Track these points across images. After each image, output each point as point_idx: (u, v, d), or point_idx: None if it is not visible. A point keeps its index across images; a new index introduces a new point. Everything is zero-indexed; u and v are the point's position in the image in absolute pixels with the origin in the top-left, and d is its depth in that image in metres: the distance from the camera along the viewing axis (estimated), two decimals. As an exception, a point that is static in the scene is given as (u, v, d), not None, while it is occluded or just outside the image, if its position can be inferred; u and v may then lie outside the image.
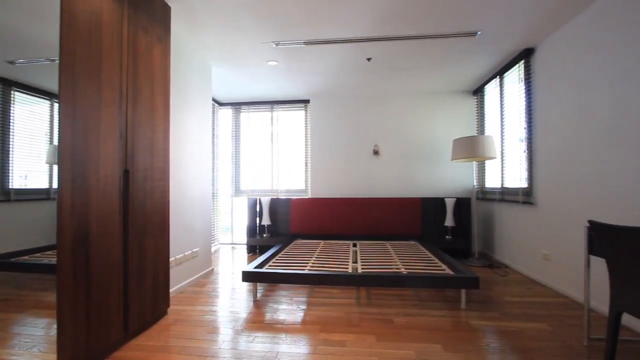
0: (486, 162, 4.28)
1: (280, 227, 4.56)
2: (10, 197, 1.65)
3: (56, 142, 1.56)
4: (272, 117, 5.01)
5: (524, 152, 3.28)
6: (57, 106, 1.48)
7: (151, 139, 2.10)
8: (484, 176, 4.34)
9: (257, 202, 4.61)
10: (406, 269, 2.64)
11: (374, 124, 4.72)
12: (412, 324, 2.16)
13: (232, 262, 3.94)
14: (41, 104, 1.75)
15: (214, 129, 4.74)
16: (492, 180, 4.13)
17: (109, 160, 1.74)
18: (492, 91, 4.07)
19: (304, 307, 2.46)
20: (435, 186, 4.59)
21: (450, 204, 4.08)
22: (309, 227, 4.39)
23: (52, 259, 1.67)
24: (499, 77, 3.77)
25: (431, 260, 2.96)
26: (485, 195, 4.27)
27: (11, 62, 1.67)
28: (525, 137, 3.26)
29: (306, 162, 4.90)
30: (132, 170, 1.92)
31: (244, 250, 4.70)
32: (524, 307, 2.44)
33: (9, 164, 1.65)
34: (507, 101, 3.68)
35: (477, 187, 4.50)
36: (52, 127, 1.77)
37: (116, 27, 1.79)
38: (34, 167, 1.74)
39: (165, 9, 2.25)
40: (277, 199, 4.59)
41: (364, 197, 4.47)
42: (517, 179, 3.47)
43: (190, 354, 1.80)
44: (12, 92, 1.67)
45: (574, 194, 2.57)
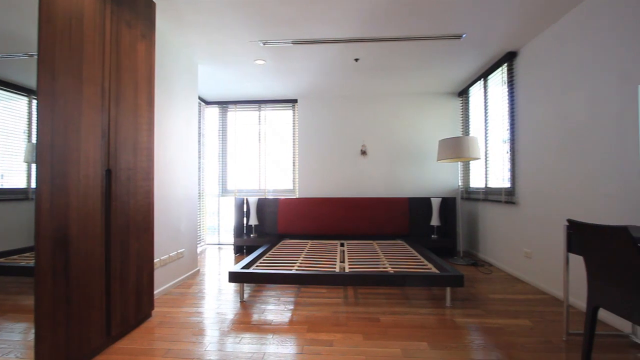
0: (471, 162, 4.37)
1: (267, 227, 4.54)
2: (-16, 197, 1.59)
3: (34, 140, 1.51)
4: (259, 117, 4.97)
5: (507, 152, 3.36)
6: (36, 103, 1.43)
7: (135, 138, 2.05)
8: (469, 176, 4.43)
9: (245, 202, 4.57)
10: (393, 268, 2.66)
11: (361, 124, 4.75)
12: (398, 322, 2.18)
13: (219, 263, 3.90)
14: (19, 101, 1.68)
15: (200, 128, 4.67)
16: (477, 180, 4.22)
17: (90, 159, 1.69)
18: (476, 93, 4.15)
19: (291, 307, 2.46)
20: (421, 186, 4.65)
21: (436, 204, 4.14)
22: (297, 227, 4.38)
23: (30, 261, 1.61)
24: (483, 79, 3.86)
25: (417, 259, 3.00)
26: (469, 195, 4.36)
27: (-14, 56, 1.60)
28: (508, 138, 3.34)
29: (294, 162, 4.89)
30: (115, 169, 1.88)
31: (231, 250, 4.65)
32: (506, 304, 2.50)
33: (-17, 162, 1.58)
34: (491, 103, 3.77)
35: (462, 187, 4.58)
36: (30, 124, 1.71)
37: (98, 21, 1.75)
38: (11, 166, 1.67)
39: (149, 5, 2.21)
40: (265, 198, 4.57)
41: (351, 197, 4.49)
42: (500, 179, 3.56)
43: (175, 357, 1.77)
44: (-14, 88, 1.60)
45: (554, 193, 2.65)
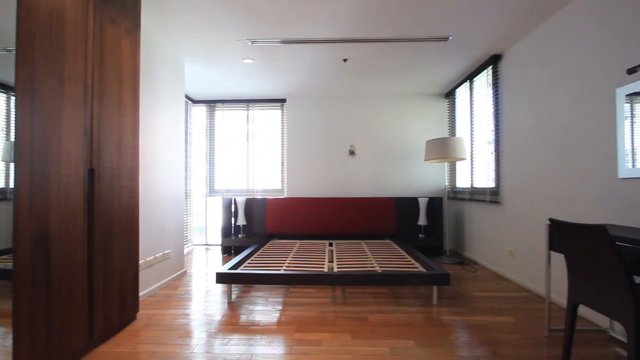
0: (457, 162, 4.44)
1: (256, 228, 4.51)
2: (-41, 197, 1.52)
3: (13, 138, 1.46)
4: (248, 116, 4.93)
5: (492, 153, 3.44)
6: (14, 99, 1.39)
7: (119, 137, 2.01)
8: (455, 176, 4.51)
9: (232, 202, 4.53)
10: (381, 268, 2.68)
11: (350, 125, 4.77)
12: (386, 321, 2.20)
13: (206, 264, 3.85)
14: (-5, 97, 1.62)
15: (187, 127, 4.60)
16: (463, 180, 4.29)
17: (71, 158, 1.65)
18: (462, 95, 4.23)
19: (279, 307, 2.45)
20: (409, 186, 4.71)
21: (423, 204, 4.20)
22: (285, 227, 4.37)
23: (8, 263, 1.56)
24: (469, 81, 3.93)
25: (405, 258, 3.03)
26: (456, 194, 4.43)
27: (-40, 50, 1.54)
28: (493, 139, 3.41)
29: (282, 162, 4.87)
30: (98, 168, 1.83)
31: (218, 251, 4.60)
32: (491, 301, 2.56)
33: (-43, 161, 1.52)
34: (477, 104, 3.84)
35: (448, 187, 4.66)
36: (9, 122, 1.65)
37: (81, 16, 1.70)
38: (-13, 165, 1.61)
39: (135, 1, 2.16)
40: (253, 198, 4.53)
41: (340, 197, 4.51)
42: (485, 179, 3.63)
43: (160, 360, 1.74)
44: (-39, 84, 1.54)
45: (536, 193, 2.73)
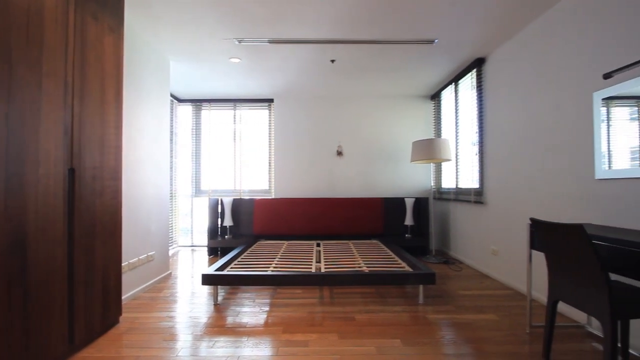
0: (442, 163, 4.51)
1: (243, 228, 4.47)
2: None
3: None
4: (235, 116, 4.89)
5: (476, 154, 3.51)
6: (-11, 97, 1.33)
7: (101, 136, 1.95)
8: (441, 177, 4.58)
9: (219, 202, 4.47)
10: (368, 268, 2.70)
11: (337, 125, 4.79)
12: (373, 320, 2.22)
13: (192, 265, 3.79)
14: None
15: (172, 126, 4.52)
16: (448, 181, 4.37)
17: (50, 157, 1.59)
18: (448, 97, 4.30)
19: (266, 308, 2.43)
20: (395, 186, 4.76)
21: (409, 204, 4.25)
22: (273, 228, 4.35)
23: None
24: (454, 83, 4.00)
25: (391, 258, 3.06)
26: (441, 195, 4.51)
27: None
28: (477, 140, 3.48)
29: (270, 162, 4.85)
30: (79, 168, 1.78)
31: (204, 252, 4.53)
32: (475, 299, 2.61)
33: None
34: (462, 106, 3.91)
35: (434, 187, 4.73)
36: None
37: (61, 11, 1.65)
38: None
39: (118, -3, 2.11)
40: (240, 199, 4.49)
41: (327, 198, 4.51)
42: (470, 180, 3.71)
43: (144, 364, 1.70)
44: None
45: (519, 193, 2.80)
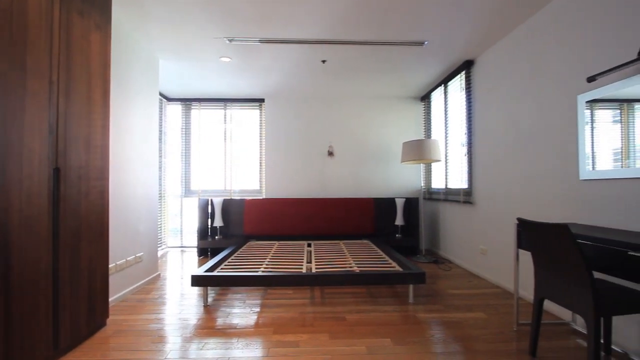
0: (432, 164, 4.56)
1: (233, 229, 4.43)
2: None
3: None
4: (225, 115, 4.85)
5: (465, 155, 3.56)
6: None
7: (87, 135, 1.91)
8: (431, 177, 4.63)
9: (209, 202, 4.43)
10: (359, 268, 2.71)
11: (328, 125, 4.80)
12: (363, 320, 2.22)
13: (182, 266, 3.74)
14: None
15: (161, 126, 4.46)
16: (438, 181, 4.42)
17: (35, 157, 1.55)
18: (437, 98, 4.35)
19: (257, 309, 2.42)
20: (386, 187, 4.79)
21: (400, 204, 4.28)
22: (264, 228, 4.33)
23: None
24: (443, 85, 4.05)
25: (382, 258, 3.08)
26: (431, 195, 4.55)
27: None
28: (465, 141, 3.53)
29: (261, 162, 4.82)
30: (64, 168, 1.74)
31: (194, 253, 4.48)
32: (464, 298, 2.65)
33: None
34: (451, 108, 3.97)
35: (424, 187, 4.78)
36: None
37: (45, 7, 1.61)
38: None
39: (105, -6, 2.07)
40: (231, 199, 4.46)
41: (318, 198, 4.52)
42: (459, 180, 3.76)
43: (132, 367, 1.67)
44: None
45: (507, 193, 2.85)
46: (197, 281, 2.43)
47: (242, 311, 2.39)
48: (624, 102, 1.79)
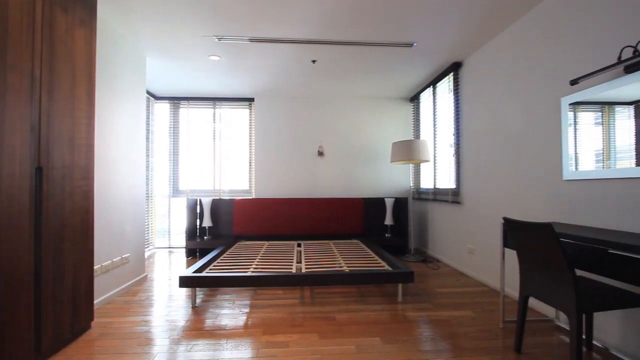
0: (421, 164, 4.62)
1: (222, 229, 4.39)
2: None
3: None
4: (214, 114, 4.80)
5: (453, 156, 3.61)
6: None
7: (71, 133, 1.87)
8: (419, 177, 4.68)
9: (198, 202, 4.38)
10: (348, 267, 2.72)
11: (318, 126, 4.80)
12: (353, 319, 2.23)
13: (169, 267, 3.69)
14: None
15: (148, 124, 4.38)
16: (426, 181, 4.47)
17: (15, 155, 1.51)
18: (426, 99, 4.40)
19: (246, 310, 2.40)
20: (376, 187, 4.82)
21: (389, 204, 4.32)
22: (253, 228, 4.30)
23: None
24: (432, 86, 4.10)
25: (371, 257, 3.10)
26: (420, 195, 4.60)
27: None
28: (453, 142, 3.58)
29: (250, 162, 4.79)
30: (47, 167, 1.69)
31: (182, 254, 4.42)
32: (452, 297, 2.68)
33: None
34: (439, 109, 4.02)
35: (413, 187, 4.83)
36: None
37: (27, 2, 1.56)
38: None
39: (90, -11, 2.02)
40: (220, 199, 4.41)
41: (308, 198, 4.51)
42: (447, 180, 3.81)
43: (117, 370, 1.64)
44: None
45: (493, 193, 2.90)
46: (185, 282, 2.40)
47: (231, 312, 2.37)
48: (605, 105, 1.85)
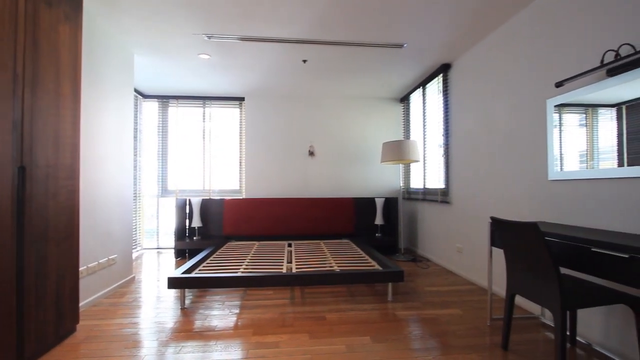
0: (411, 164, 4.66)
1: (212, 229, 4.35)
2: None
3: None
4: (204, 113, 4.74)
5: (442, 156, 3.65)
6: None
7: (56, 132, 1.82)
8: (409, 177, 4.72)
9: (187, 202, 4.32)
10: (339, 267, 2.73)
11: (309, 125, 4.79)
12: (343, 319, 2.24)
13: (158, 269, 3.63)
14: None
15: (136, 123, 4.31)
16: (416, 181, 4.51)
17: (-3, 154, 1.46)
18: (416, 100, 4.44)
19: (236, 311, 2.39)
20: (366, 186, 4.84)
21: (379, 204, 4.34)
22: (243, 228, 4.27)
23: None
24: (422, 87, 4.14)
25: (362, 257, 3.11)
26: (410, 195, 4.64)
27: None
28: (443, 142, 3.63)
29: (241, 162, 4.76)
30: (30, 166, 1.64)
31: (171, 255, 4.36)
32: (441, 295, 2.72)
33: None
34: (429, 110, 4.06)
35: (403, 187, 4.87)
36: None
37: (9, -3, 1.52)
38: None
39: (75, -16, 1.98)
40: (209, 199, 4.37)
41: (299, 198, 4.51)
42: (437, 180, 3.85)
43: (104, 374, 1.61)
44: None
45: (481, 193, 2.95)
46: (174, 283, 2.37)
47: (221, 313, 2.35)
48: (589, 107, 1.90)
